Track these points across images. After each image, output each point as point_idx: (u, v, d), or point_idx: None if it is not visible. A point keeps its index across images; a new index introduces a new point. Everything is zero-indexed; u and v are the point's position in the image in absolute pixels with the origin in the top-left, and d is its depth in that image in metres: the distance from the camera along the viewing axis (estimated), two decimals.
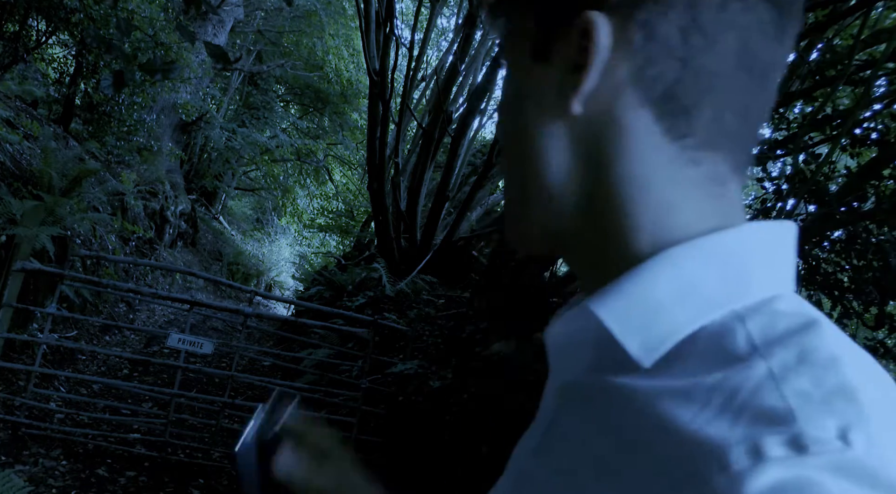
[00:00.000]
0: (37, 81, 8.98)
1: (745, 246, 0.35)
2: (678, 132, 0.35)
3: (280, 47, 15.82)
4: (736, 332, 0.32)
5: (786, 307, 0.33)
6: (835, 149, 3.40)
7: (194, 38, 2.63)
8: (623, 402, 0.34)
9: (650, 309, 0.34)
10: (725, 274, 0.34)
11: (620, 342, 0.34)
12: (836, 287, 3.44)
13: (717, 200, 0.36)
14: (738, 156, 0.37)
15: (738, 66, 0.34)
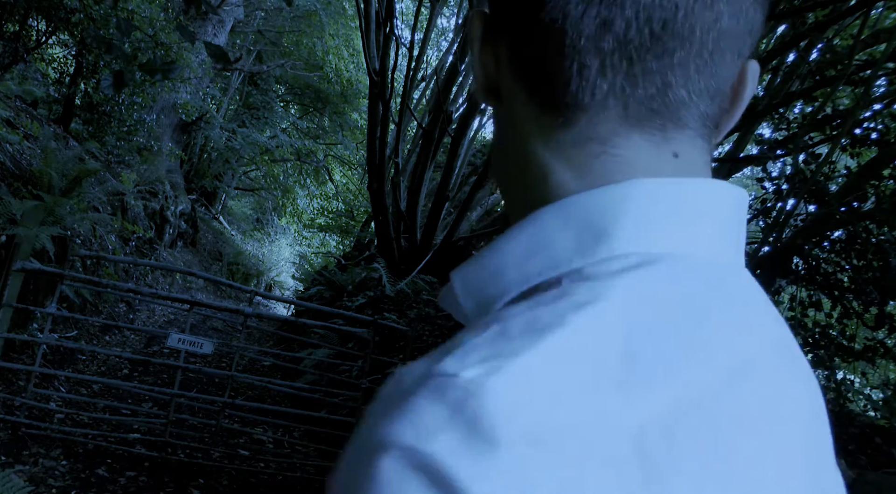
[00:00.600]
0: (37, 81, 8.98)
1: (618, 201, 0.32)
2: (547, 105, 0.35)
3: (280, 47, 15.83)
4: (550, 289, 0.31)
5: (626, 261, 0.30)
6: (835, 149, 3.40)
7: (194, 38, 2.63)
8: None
9: (492, 272, 0.34)
10: (580, 231, 0.32)
11: (461, 304, 0.35)
12: (836, 287, 3.44)
13: (597, 159, 0.34)
14: (632, 107, 0.33)
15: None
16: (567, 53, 0.33)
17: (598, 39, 0.32)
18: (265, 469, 4.35)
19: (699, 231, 0.33)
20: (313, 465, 4.47)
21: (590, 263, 0.31)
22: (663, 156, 0.34)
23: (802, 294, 3.67)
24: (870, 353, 3.46)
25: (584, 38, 0.32)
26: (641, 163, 0.34)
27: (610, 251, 0.31)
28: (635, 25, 0.31)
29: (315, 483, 4.33)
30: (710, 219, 0.33)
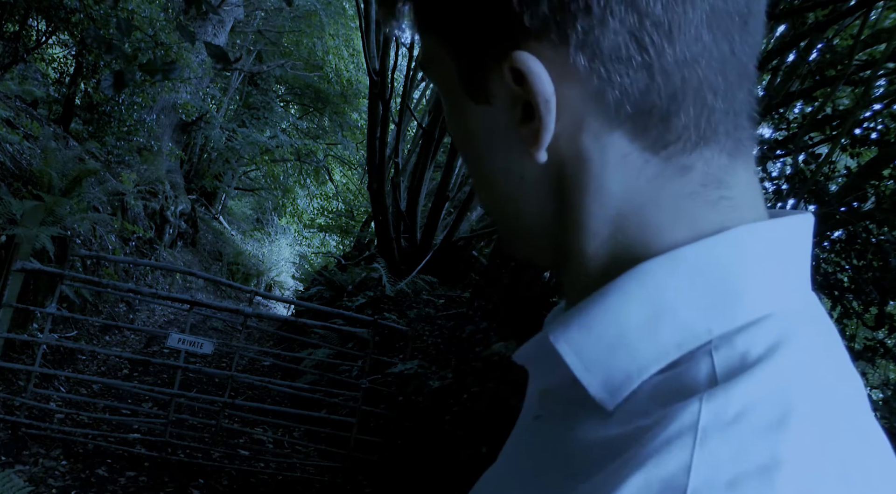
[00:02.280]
0: (37, 81, 8.98)
1: (737, 252, 0.29)
2: (662, 143, 0.30)
3: (280, 47, 15.83)
4: (700, 365, 0.27)
5: (768, 331, 0.27)
6: (835, 149, 3.40)
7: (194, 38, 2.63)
8: (583, 432, 0.31)
9: (613, 343, 0.29)
10: (707, 291, 0.28)
11: (581, 381, 0.30)
12: (836, 287, 3.44)
13: (717, 207, 0.30)
14: (735, 135, 0.31)
15: (713, 35, 0.28)
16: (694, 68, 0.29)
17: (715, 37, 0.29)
18: (265, 469, 4.35)
19: (802, 271, 0.31)
20: (313, 465, 4.47)
21: (728, 332, 0.27)
22: (753, 186, 0.32)
23: None
24: (870, 353, 3.46)
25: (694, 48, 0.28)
26: (743, 204, 0.31)
27: (747, 315, 0.28)
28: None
29: (315, 483, 4.33)
30: (803, 257, 0.31)
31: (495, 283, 5.15)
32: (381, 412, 4.55)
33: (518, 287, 4.89)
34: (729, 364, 0.26)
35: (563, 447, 0.32)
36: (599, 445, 0.28)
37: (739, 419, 0.24)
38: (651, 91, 0.28)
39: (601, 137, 0.30)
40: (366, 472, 4.39)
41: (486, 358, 3.98)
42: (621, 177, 0.30)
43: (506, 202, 0.34)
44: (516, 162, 0.32)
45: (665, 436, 0.24)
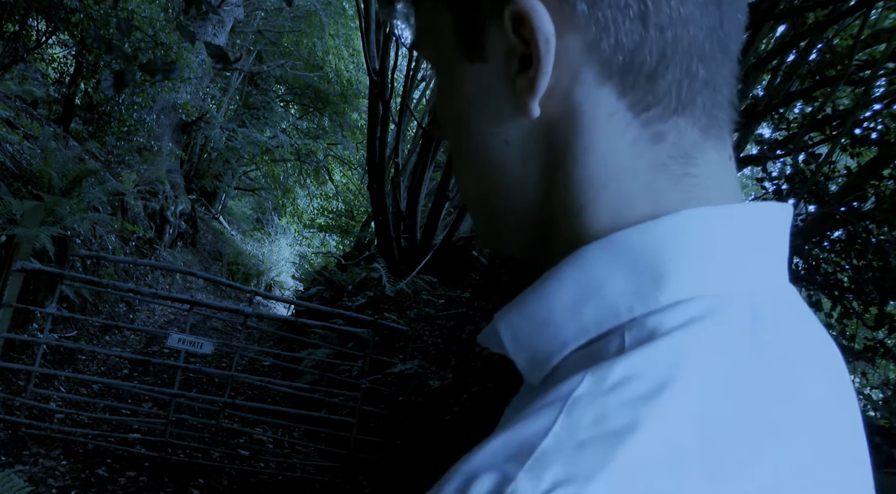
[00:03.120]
0: (37, 81, 8.98)
1: (673, 235, 0.29)
2: (644, 104, 0.30)
3: (280, 47, 15.83)
4: (612, 342, 0.28)
5: (689, 310, 0.27)
6: (835, 149, 3.40)
7: (194, 38, 2.63)
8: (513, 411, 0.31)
9: (541, 322, 0.30)
10: (635, 274, 0.28)
11: (512, 358, 0.31)
12: (836, 287, 3.44)
13: (679, 184, 0.30)
14: (713, 112, 0.31)
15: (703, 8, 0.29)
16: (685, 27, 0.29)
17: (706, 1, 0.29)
18: (265, 469, 4.35)
19: (760, 261, 0.30)
20: (313, 465, 4.47)
21: (651, 311, 0.28)
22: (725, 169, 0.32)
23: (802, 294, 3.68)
24: (870, 353, 3.46)
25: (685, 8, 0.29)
26: (705, 184, 0.31)
27: (672, 296, 0.28)
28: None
29: (315, 483, 4.33)
30: (769, 246, 0.31)
31: (495, 283, 5.16)
32: (381, 412, 4.55)
33: (518, 287, 4.89)
34: (637, 341, 0.27)
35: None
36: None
37: (614, 388, 0.25)
38: (644, 44, 0.29)
39: (592, 92, 0.30)
40: (366, 472, 4.39)
41: (486, 358, 3.98)
42: (606, 136, 0.30)
43: (488, 176, 0.34)
44: (504, 124, 0.32)
45: (539, 404, 0.25)
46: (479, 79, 0.32)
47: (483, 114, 0.33)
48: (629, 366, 0.25)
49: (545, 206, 0.32)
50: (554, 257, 0.32)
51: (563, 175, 0.31)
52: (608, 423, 0.24)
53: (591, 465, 0.22)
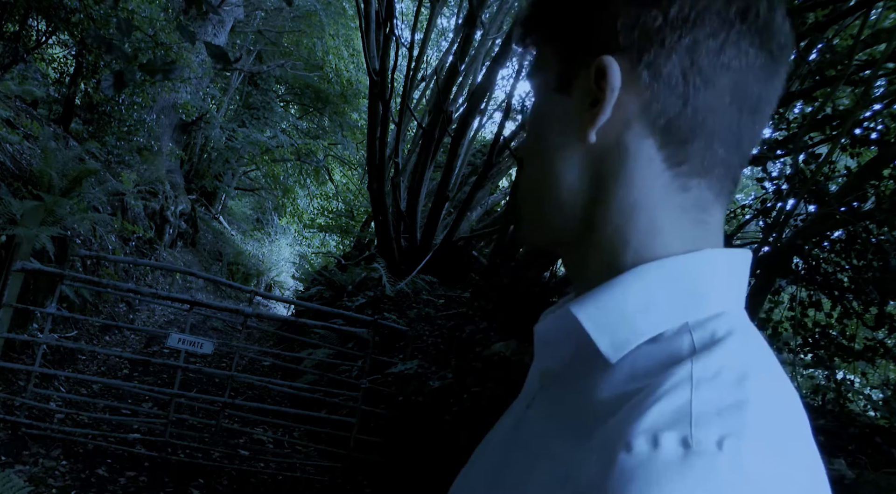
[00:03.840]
0: (37, 81, 8.98)
1: (704, 269, 0.42)
2: (676, 160, 0.41)
3: (280, 47, 15.82)
4: (683, 341, 0.39)
5: (726, 322, 0.40)
6: (835, 149, 3.40)
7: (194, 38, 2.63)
8: (590, 388, 0.41)
9: (618, 316, 0.41)
10: (683, 291, 0.41)
11: (594, 340, 0.41)
12: (836, 287, 3.44)
13: (697, 226, 0.42)
14: (723, 183, 0.43)
15: (731, 103, 0.41)
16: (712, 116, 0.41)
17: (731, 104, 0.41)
18: (265, 469, 4.35)
19: (743, 287, 0.43)
20: (313, 465, 4.46)
21: (699, 320, 0.40)
22: (721, 223, 0.44)
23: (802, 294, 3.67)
24: (870, 353, 3.46)
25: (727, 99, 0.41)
26: (718, 231, 0.44)
27: (710, 310, 0.40)
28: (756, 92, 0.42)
29: (315, 483, 4.33)
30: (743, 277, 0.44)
31: (495, 283, 5.15)
32: (381, 412, 4.55)
33: (518, 287, 4.89)
34: (703, 340, 0.38)
35: (570, 408, 0.42)
36: (606, 395, 0.39)
37: (717, 375, 0.36)
38: (680, 117, 0.41)
39: (639, 139, 0.41)
40: (366, 472, 4.39)
41: (486, 358, 3.98)
42: (645, 174, 0.42)
43: (549, 180, 0.45)
44: (569, 145, 0.44)
45: (671, 383, 0.36)
46: (562, 108, 0.45)
47: (557, 134, 0.45)
48: (717, 361, 0.37)
49: (588, 212, 0.44)
50: (588, 252, 0.45)
51: (608, 193, 0.43)
52: (728, 398, 0.35)
53: (737, 423, 0.33)
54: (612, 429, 0.35)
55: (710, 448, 0.32)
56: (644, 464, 0.32)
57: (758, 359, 0.39)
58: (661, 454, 0.32)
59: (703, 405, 0.34)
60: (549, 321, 0.46)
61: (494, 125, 11.41)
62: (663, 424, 0.33)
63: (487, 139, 11.03)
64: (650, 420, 0.34)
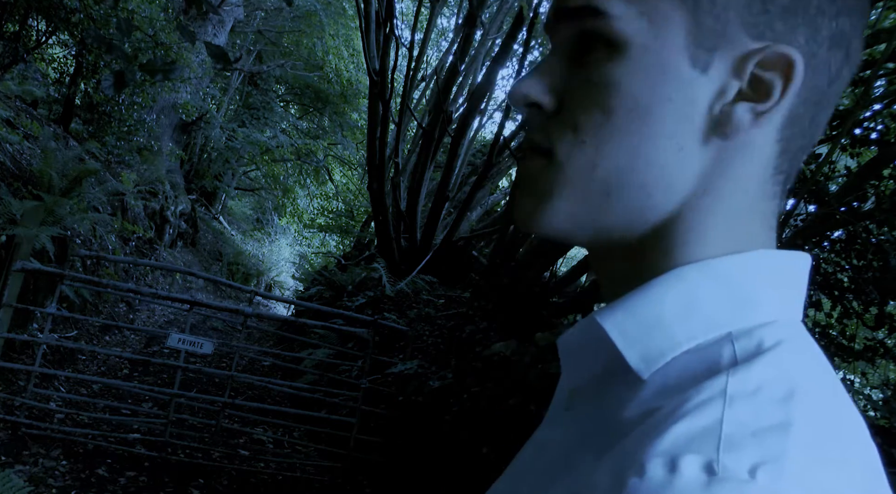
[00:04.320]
0: (37, 81, 8.98)
1: (756, 272, 0.37)
2: (781, 169, 0.38)
3: (280, 47, 15.82)
4: (723, 351, 0.34)
5: (776, 332, 0.35)
6: (835, 149, 3.39)
7: (194, 38, 2.63)
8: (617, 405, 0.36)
9: (651, 325, 0.36)
10: (731, 295, 0.36)
11: (622, 353, 0.36)
12: (836, 287, 3.44)
13: (767, 231, 0.39)
14: (782, 201, 0.41)
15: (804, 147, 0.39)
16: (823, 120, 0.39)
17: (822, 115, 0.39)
18: (265, 469, 4.35)
19: (801, 293, 0.39)
20: (313, 465, 4.47)
21: (745, 328, 0.35)
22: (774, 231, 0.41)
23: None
24: (870, 353, 3.46)
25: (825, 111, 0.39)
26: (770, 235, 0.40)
27: (760, 318, 0.35)
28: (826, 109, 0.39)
29: (315, 483, 4.33)
30: (802, 285, 0.39)
31: (495, 283, 5.15)
32: (381, 412, 4.55)
33: (518, 287, 4.89)
34: (747, 350, 0.33)
35: (596, 425, 0.37)
36: (634, 409, 0.34)
37: (758, 391, 0.31)
38: (792, 140, 0.38)
39: (770, 141, 0.37)
40: (366, 472, 4.39)
41: (486, 358, 3.98)
42: (760, 180, 0.38)
43: (640, 168, 0.37)
44: (687, 134, 0.36)
45: (700, 399, 0.31)
46: (688, 85, 0.36)
47: (668, 116, 0.36)
48: (760, 375, 0.32)
49: (675, 215, 0.38)
50: (645, 257, 0.39)
51: (714, 198, 0.37)
52: (767, 418, 0.29)
53: (776, 449, 0.28)
54: (627, 449, 0.31)
55: (739, 477, 0.27)
56: (657, 492, 0.27)
57: (811, 374, 0.33)
58: (679, 481, 0.27)
59: (735, 425, 0.29)
60: (573, 332, 0.41)
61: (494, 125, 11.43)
62: (685, 446, 0.29)
63: (487, 139, 11.03)
64: (670, 441, 0.29)
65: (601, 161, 0.37)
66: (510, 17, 8.27)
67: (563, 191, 0.38)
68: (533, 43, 9.29)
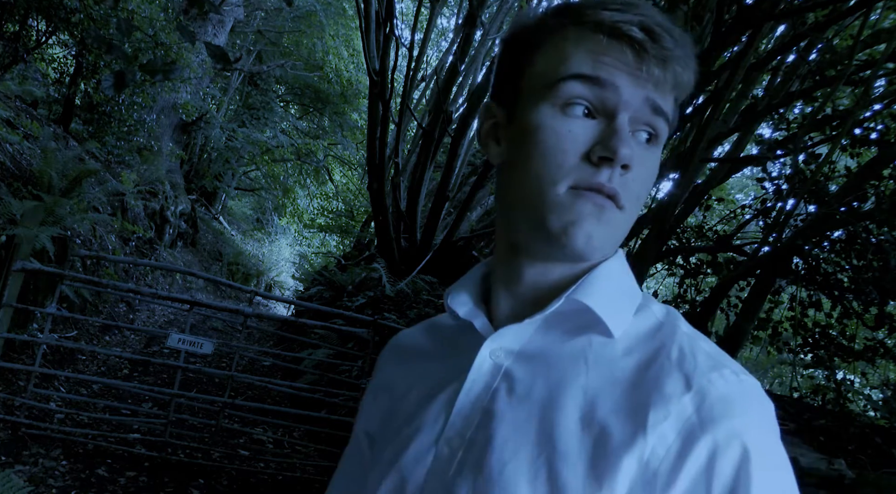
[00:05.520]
0: (37, 81, 8.98)
1: (625, 262, 0.60)
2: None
3: (280, 47, 15.81)
4: (651, 315, 0.57)
5: (653, 300, 0.59)
6: (835, 149, 3.40)
7: (194, 39, 2.63)
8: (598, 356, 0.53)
9: (611, 300, 0.55)
10: (629, 279, 0.59)
11: (604, 321, 0.54)
12: (836, 287, 3.44)
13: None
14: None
15: None
16: None
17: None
18: (265, 469, 4.35)
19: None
20: (313, 465, 4.47)
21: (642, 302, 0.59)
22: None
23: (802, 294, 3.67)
24: (870, 353, 3.46)
25: None
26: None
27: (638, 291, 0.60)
28: None
29: (315, 483, 4.33)
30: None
31: None
32: None
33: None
34: (662, 313, 0.57)
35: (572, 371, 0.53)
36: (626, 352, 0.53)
37: (694, 335, 0.55)
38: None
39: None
40: None
41: None
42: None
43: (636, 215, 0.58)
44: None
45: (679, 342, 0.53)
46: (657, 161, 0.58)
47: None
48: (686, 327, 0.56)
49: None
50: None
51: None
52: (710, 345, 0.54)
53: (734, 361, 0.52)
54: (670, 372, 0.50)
55: (746, 378, 0.50)
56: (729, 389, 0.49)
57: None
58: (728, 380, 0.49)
59: (714, 351, 0.52)
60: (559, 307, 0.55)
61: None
62: (712, 366, 0.50)
63: None
64: (704, 363, 0.50)
65: (634, 217, 0.56)
66: (510, 17, 8.27)
67: (620, 233, 0.56)
68: None
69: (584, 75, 0.52)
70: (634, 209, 0.55)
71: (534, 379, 0.53)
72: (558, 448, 0.49)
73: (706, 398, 0.47)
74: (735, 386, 0.49)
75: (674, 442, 0.46)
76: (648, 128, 0.54)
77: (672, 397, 0.48)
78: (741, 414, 0.47)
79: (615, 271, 0.57)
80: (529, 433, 0.50)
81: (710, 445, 0.46)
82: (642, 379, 0.50)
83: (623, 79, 0.52)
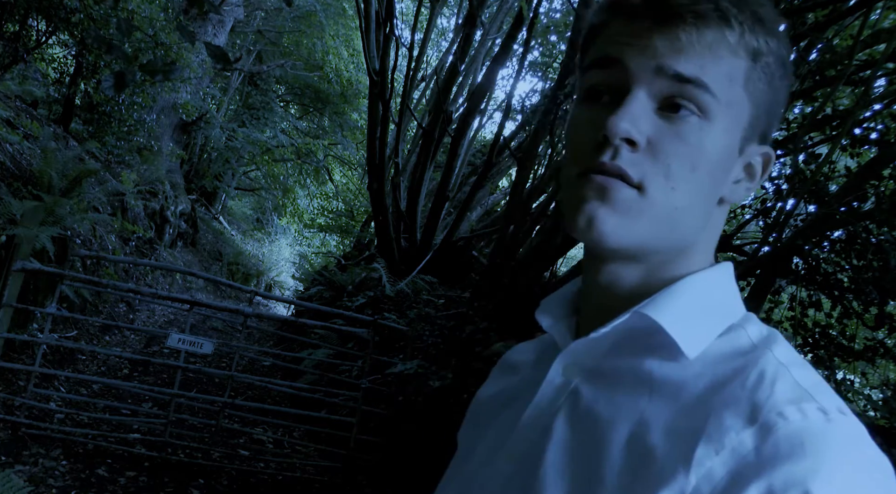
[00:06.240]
0: (37, 81, 8.98)
1: (729, 278, 0.54)
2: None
3: (280, 47, 15.81)
4: (741, 336, 0.49)
5: (757, 322, 0.51)
6: (835, 149, 3.39)
7: (194, 39, 2.63)
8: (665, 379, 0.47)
9: (689, 318, 0.49)
10: (724, 296, 0.52)
11: (676, 342, 0.48)
12: (836, 287, 3.44)
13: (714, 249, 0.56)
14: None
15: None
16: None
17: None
18: (265, 469, 4.35)
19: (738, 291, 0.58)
20: (313, 465, 4.47)
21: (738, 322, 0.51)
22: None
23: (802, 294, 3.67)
24: (870, 353, 3.46)
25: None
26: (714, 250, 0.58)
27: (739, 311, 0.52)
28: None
29: (315, 483, 4.33)
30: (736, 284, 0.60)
31: (495, 283, 5.15)
32: (381, 412, 4.55)
33: (518, 287, 4.89)
34: (760, 335, 0.49)
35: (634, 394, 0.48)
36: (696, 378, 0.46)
37: (794, 360, 0.46)
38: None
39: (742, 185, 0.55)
40: (366, 472, 4.39)
41: (486, 358, 3.98)
42: (724, 219, 0.56)
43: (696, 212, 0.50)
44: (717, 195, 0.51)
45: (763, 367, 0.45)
46: (734, 162, 0.51)
47: (722, 181, 0.51)
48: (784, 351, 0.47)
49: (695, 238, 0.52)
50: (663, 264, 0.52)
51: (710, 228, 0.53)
52: (812, 377, 0.45)
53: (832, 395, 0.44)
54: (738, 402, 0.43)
55: (838, 414, 0.42)
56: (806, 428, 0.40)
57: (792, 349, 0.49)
58: (811, 418, 0.41)
59: (805, 382, 0.44)
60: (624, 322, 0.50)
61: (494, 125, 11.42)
62: (796, 397, 0.42)
63: (487, 139, 11.03)
64: (783, 395, 0.42)
65: (679, 203, 0.48)
66: (510, 17, 8.27)
67: (646, 220, 0.48)
68: (533, 43, 9.29)
69: (596, 60, 0.50)
70: (674, 191, 0.47)
71: (595, 401, 0.50)
72: (603, 483, 0.45)
73: (772, 434, 0.40)
74: (817, 424, 0.40)
75: (721, 482, 0.40)
76: (683, 101, 0.47)
77: (731, 429, 0.41)
78: (812, 457, 0.38)
79: (705, 283, 0.51)
80: (577, 460, 0.48)
81: (762, 491, 0.38)
82: (705, 403, 0.44)
83: (628, 52, 0.48)
